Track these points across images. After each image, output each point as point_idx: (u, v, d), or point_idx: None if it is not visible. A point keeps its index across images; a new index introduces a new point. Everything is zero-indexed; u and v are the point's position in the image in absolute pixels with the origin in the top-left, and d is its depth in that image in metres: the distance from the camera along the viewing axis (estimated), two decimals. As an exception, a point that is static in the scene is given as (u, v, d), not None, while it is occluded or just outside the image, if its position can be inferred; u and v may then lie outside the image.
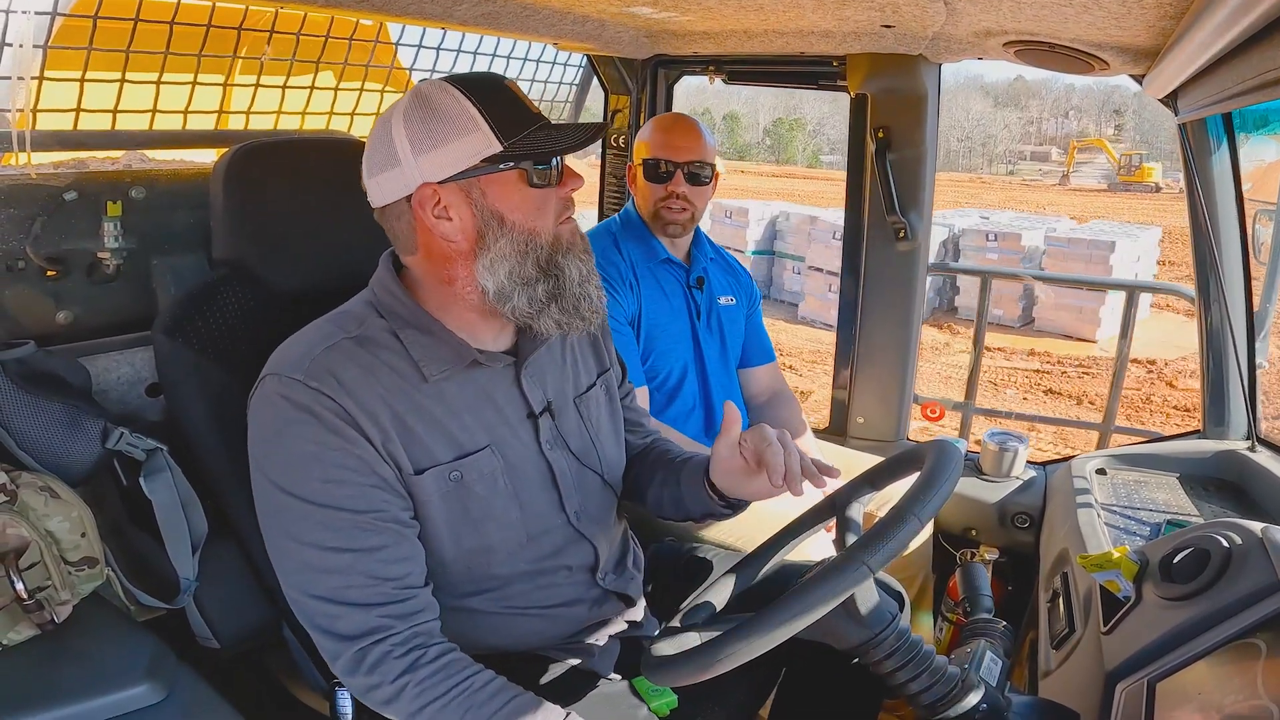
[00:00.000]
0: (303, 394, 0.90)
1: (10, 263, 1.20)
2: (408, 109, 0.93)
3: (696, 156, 1.69)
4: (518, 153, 0.93)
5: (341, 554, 0.90)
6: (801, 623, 0.80)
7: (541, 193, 0.96)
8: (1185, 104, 1.35)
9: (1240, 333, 1.65)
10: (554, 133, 0.96)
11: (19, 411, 1.04)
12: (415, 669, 0.90)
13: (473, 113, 0.92)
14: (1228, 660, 0.87)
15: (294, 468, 0.91)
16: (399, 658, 0.90)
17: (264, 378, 0.94)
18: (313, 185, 1.25)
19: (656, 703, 1.08)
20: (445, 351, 0.99)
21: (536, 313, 0.97)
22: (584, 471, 1.11)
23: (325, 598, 0.91)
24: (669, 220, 1.72)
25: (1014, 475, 1.94)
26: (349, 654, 0.90)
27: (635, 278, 1.71)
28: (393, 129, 0.94)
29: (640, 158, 1.74)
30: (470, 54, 1.97)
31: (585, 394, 1.14)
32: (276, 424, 0.92)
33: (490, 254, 0.95)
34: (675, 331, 1.77)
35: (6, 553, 0.95)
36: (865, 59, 1.90)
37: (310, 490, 0.90)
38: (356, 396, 0.92)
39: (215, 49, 1.58)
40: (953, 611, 1.84)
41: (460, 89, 0.93)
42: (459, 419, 0.99)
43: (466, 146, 0.92)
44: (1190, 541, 1.08)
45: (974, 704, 0.91)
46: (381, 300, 1.00)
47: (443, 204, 0.93)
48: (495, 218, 0.94)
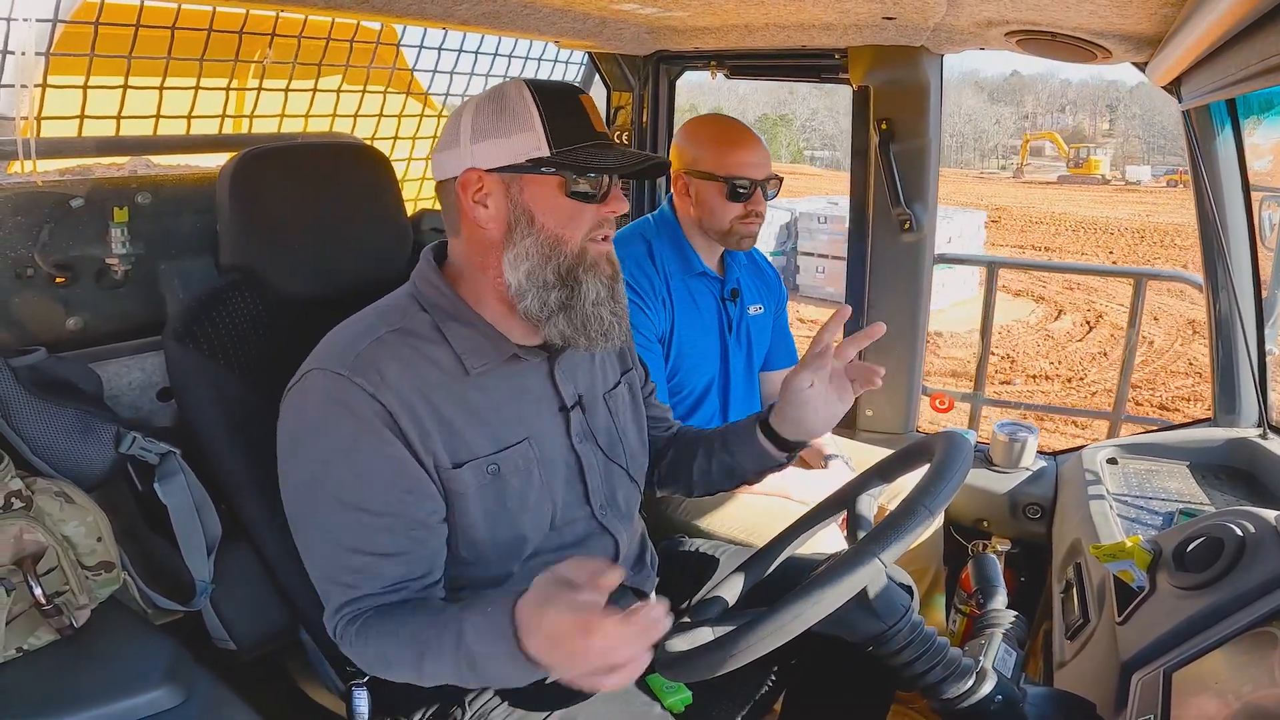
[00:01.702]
0: (344, 389, 0.92)
1: (19, 270, 1.20)
2: (482, 98, 0.99)
3: (770, 172, 1.67)
4: (563, 161, 0.96)
5: (358, 555, 0.93)
6: (814, 616, 0.80)
7: (577, 205, 0.98)
8: (1189, 91, 1.35)
9: (1249, 319, 1.64)
10: (610, 154, 0.98)
11: (33, 418, 1.05)
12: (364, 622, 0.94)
13: (533, 114, 0.96)
14: (1244, 649, 0.87)
15: (325, 461, 0.93)
16: (348, 624, 0.95)
17: (307, 371, 0.96)
18: (319, 189, 1.26)
19: (671, 699, 1.08)
20: (486, 345, 1.01)
21: (545, 318, 0.98)
22: (610, 465, 1.13)
23: (319, 577, 0.97)
24: (745, 235, 1.68)
25: (1024, 466, 1.94)
26: (335, 627, 0.96)
27: (669, 292, 1.67)
28: (464, 113, 0.99)
29: (706, 171, 1.64)
30: (472, 53, 1.97)
31: (613, 390, 1.17)
32: (314, 416, 0.94)
33: (516, 249, 0.98)
34: (705, 347, 1.73)
35: (24, 558, 0.96)
36: (867, 51, 1.89)
37: (338, 485, 0.92)
38: (398, 391, 0.94)
39: (217, 54, 1.58)
40: (965, 603, 1.84)
41: (532, 91, 0.97)
42: (499, 411, 1.02)
43: (518, 143, 0.96)
44: (1203, 530, 1.08)
45: (989, 695, 0.91)
46: (423, 292, 1.03)
47: (484, 190, 0.98)
48: (526, 215, 0.97)
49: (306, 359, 0.98)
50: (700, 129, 1.70)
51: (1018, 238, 16.72)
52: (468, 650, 0.84)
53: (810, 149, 58.11)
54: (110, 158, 1.56)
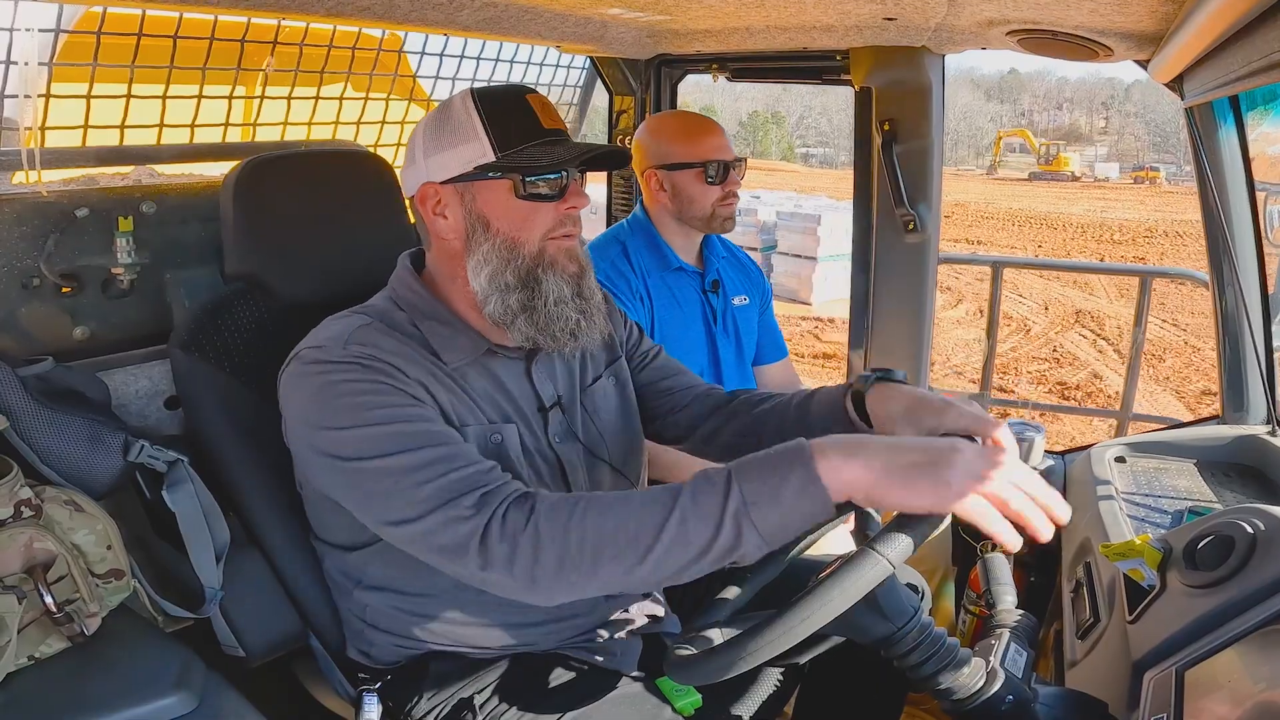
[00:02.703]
0: (344, 354, 0.93)
1: (26, 280, 1.21)
2: (431, 114, 1.02)
3: (734, 154, 1.71)
4: (509, 164, 0.97)
5: (420, 450, 0.87)
6: (823, 618, 0.80)
7: (531, 205, 0.99)
8: (1191, 88, 1.34)
9: (1256, 316, 1.64)
10: (562, 150, 0.99)
11: (41, 427, 1.05)
12: (559, 503, 0.84)
13: (476, 123, 0.98)
14: (1257, 647, 0.86)
15: (350, 410, 0.90)
16: (518, 510, 0.84)
17: (297, 354, 0.97)
18: (323, 196, 1.26)
19: (681, 702, 1.08)
20: (462, 341, 1.03)
21: (508, 321, 1.00)
22: (595, 462, 1.13)
23: (426, 510, 0.85)
24: (726, 216, 1.71)
25: (1032, 465, 1.93)
26: (475, 542, 0.83)
27: (647, 290, 1.69)
28: (419, 131, 1.03)
29: (679, 162, 1.66)
30: (474, 59, 1.98)
31: (592, 385, 1.16)
32: (322, 384, 0.92)
33: (476, 256, 1.00)
34: (690, 341, 1.75)
35: (34, 567, 0.96)
36: (868, 52, 1.89)
37: (372, 418, 0.89)
38: (397, 362, 0.95)
39: (220, 62, 1.58)
40: (975, 604, 1.83)
41: (474, 100, 0.99)
42: (486, 399, 1.03)
43: (465, 153, 0.99)
44: (1213, 528, 1.08)
45: (1000, 695, 0.90)
46: (400, 294, 1.05)
47: (442, 203, 1.01)
48: (481, 222, 1.00)
49: (294, 350, 0.99)
50: (662, 124, 1.74)
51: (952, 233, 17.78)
52: (740, 483, 0.77)
53: (806, 146, 58.37)
54: (115, 167, 1.56)
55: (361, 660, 1.15)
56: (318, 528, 1.12)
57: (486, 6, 1.41)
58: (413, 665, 1.11)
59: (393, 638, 1.10)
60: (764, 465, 0.79)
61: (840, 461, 0.76)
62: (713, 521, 0.77)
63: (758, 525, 0.77)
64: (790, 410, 1.14)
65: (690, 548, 0.78)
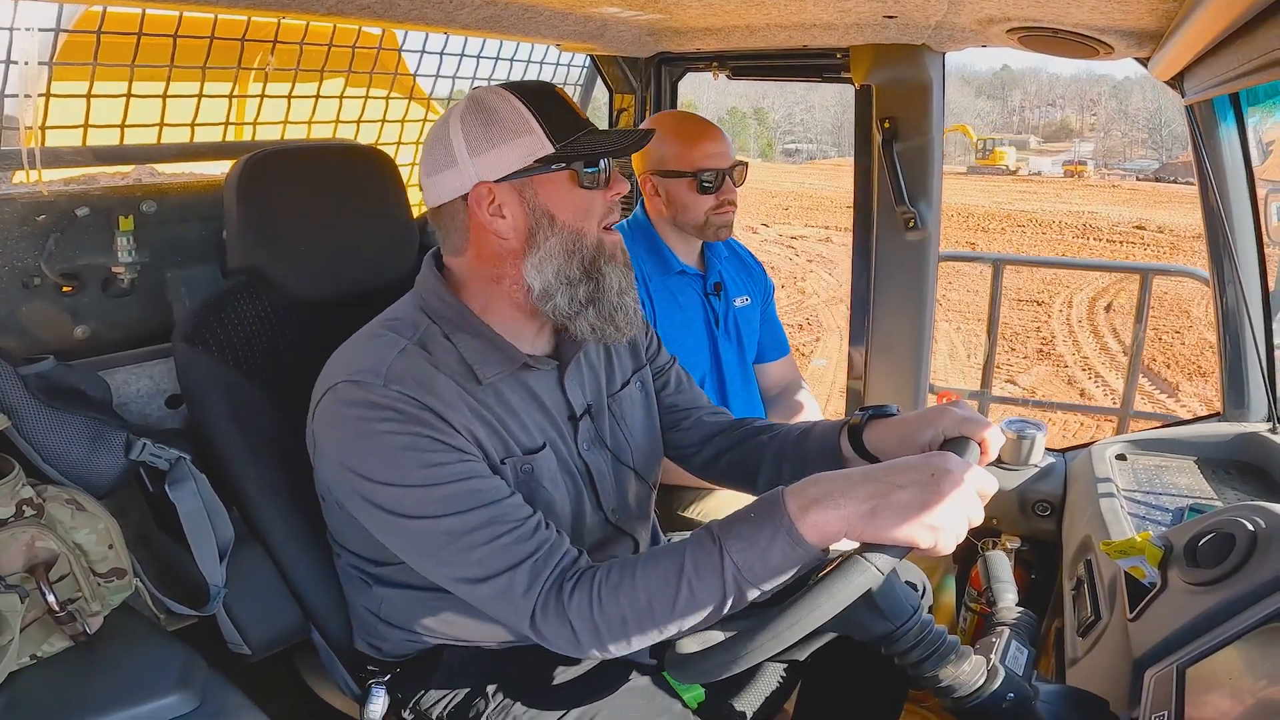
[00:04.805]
0: (385, 395, 0.91)
1: (26, 280, 1.21)
2: (465, 113, 0.97)
3: (734, 159, 1.68)
4: (569, 154, 0.96)
5: (465, 515, 0.89)
6: (823, 616, 0.80)
7: (589, 194, 0.99)
8: (1191, 85, 1.34)
9: (1257, 313, 1.64)
10: (601, 137, 0.99)
11: (43, 426, 1.05)
12: (593, 583, 0.88)
13: (526, 116, 0.96)
14: (1258, 644, 0.86)
15: (393, 464, 0.90)
16: (575, 587, 0.88)
17: (336, 385, 0.94)
18: (325, 191, 1.26)
19: (686, 696, 1.08)
20: (496, 355, 1.01)
21: (575, 314, 0.99)
22: (620, 468, 1.14)
23: (478, 577, 0.89)
24: (721, 225, 1.68)
25: (1033, 463, 1.93)
26: (526, 623, 0.88)
27: (648, 293, 1.67)
28: (450, 132, 0.98)
29: (672, 170, 1.64)
30: (474, 58, 1.98)
31: (619, 392, 1.17)
32: (364, 427, 0.91)
33: (540, 252, 0.98)
34: (692, 344, 1.73)
35: (37, 566, 0.96)
36: (868, 50, 1.89)
37: (416, 478, 0.90)
38: (437, 394, 0.93)
39: (220, 61, 1.58)
40: (976, 601, 1.83)
41: (515, 94, 0.97)
42: (517, 419, 1.02)
43: (521, 148, 0.96)
44: (1214, 526, 1.08)
45: (1001, 693, 0.90)
46: (429, 304, 1.02)
47: (497, 202, 0.97)
48: (546, 216, 0.98)
49: (324, 373, 0.97)
50: (659, 128, 1.67)
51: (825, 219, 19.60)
52: (731, 554, 0.82)
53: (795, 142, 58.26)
54: (115, 166, 1.56)
55: (370, 653, 1.16)
56: (337, 534, 1.12)
57: (486, 5, 1.41)
58: (423, 658, 1.12)
59: (405, 632, 1.11)
60: (750, 529, 0.83)
61: (819, 515, 0.80)
62: (717, 590, 0.83)
63: (756, 585, 0.82)
64: (789, 444, 1.17)
65: (706, 608, 0.84)
